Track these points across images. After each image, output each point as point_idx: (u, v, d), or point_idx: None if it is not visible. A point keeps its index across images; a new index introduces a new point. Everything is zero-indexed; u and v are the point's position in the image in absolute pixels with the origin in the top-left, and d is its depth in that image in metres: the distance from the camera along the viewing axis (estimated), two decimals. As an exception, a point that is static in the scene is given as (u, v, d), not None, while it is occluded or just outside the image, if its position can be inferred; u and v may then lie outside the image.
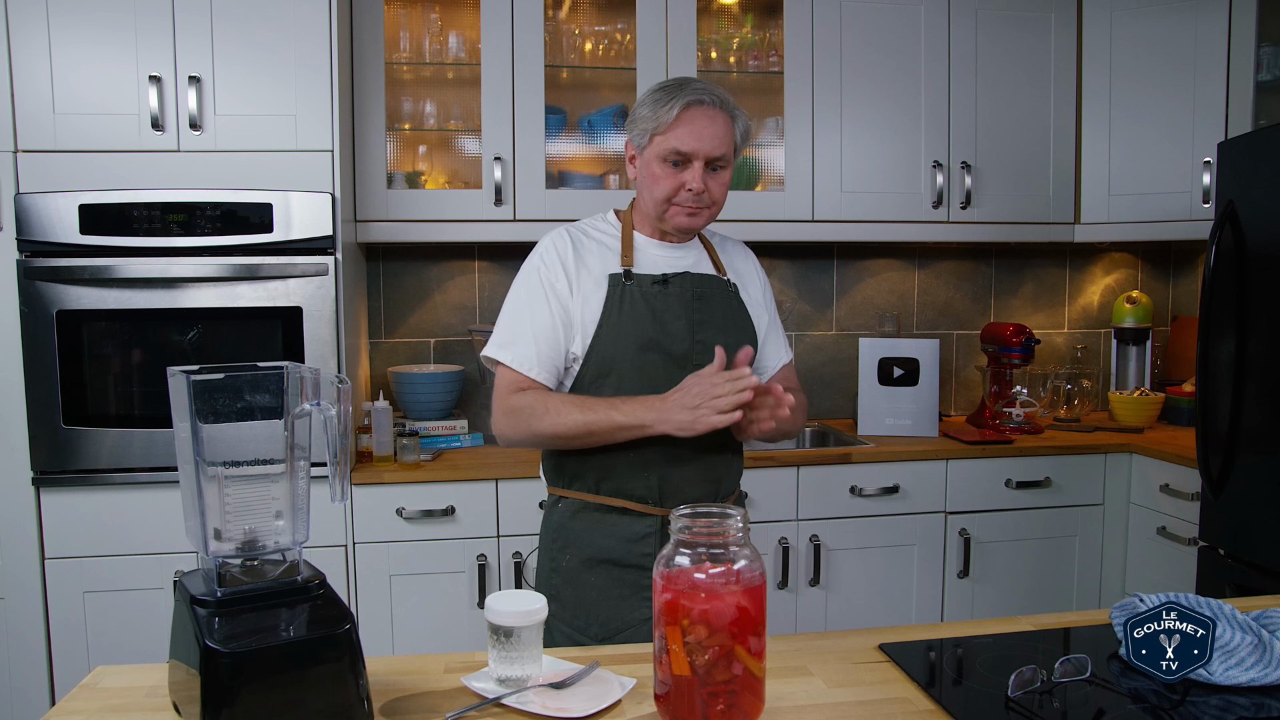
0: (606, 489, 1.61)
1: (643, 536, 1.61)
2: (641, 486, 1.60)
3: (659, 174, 1.58)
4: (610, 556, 1.61)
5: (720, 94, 1.59)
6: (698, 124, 1.55)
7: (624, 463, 1.59)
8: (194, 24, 2.32)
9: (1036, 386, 3.20)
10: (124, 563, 2.34)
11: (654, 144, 1.58)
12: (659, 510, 1.60)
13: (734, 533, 0.99)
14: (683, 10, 2.77)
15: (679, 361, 1.60)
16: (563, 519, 1.65)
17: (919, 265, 3.34)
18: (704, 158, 1.56)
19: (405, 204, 2.70)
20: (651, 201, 1.61)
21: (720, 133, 1.56)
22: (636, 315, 1.58)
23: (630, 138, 1.64)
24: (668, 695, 0.99)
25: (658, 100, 1.57)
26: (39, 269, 2.27)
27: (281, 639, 0.97)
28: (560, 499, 1.67)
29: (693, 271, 1.66)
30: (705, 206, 1.60)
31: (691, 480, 1.61)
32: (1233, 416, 2.31)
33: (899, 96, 2.92)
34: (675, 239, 1.67)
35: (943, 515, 2.73)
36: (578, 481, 1.63)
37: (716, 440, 1.58)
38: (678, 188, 1.57)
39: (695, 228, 1.63)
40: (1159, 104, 2.93)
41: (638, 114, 1.61)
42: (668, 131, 1.55)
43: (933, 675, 1.15)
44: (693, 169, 1.56)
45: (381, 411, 2.52)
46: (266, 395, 1.03)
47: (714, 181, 1.59)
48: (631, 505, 1.60)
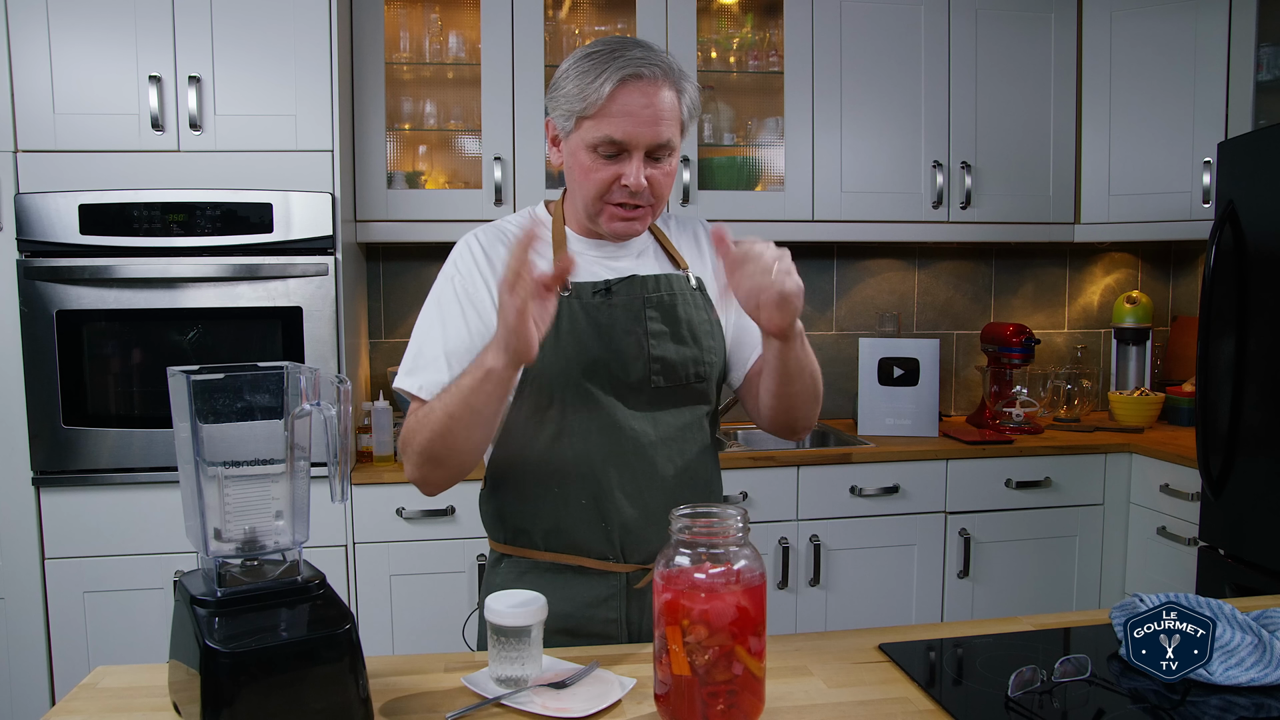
0: (558, 544, 1.33)
1: (604, 600, 1.33)
2: (599, 539, 1.32)
3: (588, 165, 1.26)
4: (567, 625, 1.32)
5: (663, 60, 1.26)
6: (634, 105, 1.23)
7: (576, 511, 1.31)
8: (194, 24, 2.32)
9: (1036, 386, 3.20)
10: (124, 563, 2.34)
11: (581, 129, 1.25)
12: (621, 567, 1.33)
13: (734, 533, 0.99)
14: (683, 10, 2.77)
15: (634, 387, 1.31)
16: (506, 582, 1.35)
17: (919, 265, 3.34)
18: (644, 147, 1.24)
19: (405, 204, 2.70)
20: (581, 199, 1.30)
21: (664, 112, 1.24)
22: (578, 334, 1.29)
23: (552, 116, 1.30)
24: (668, 695, 0.99)
25: (584, 72, 1.24)
26: (39, 269, 2.27)
27: (281, 639, 0.97)
28: (503, 558, 1.38)
29: (640, 274, 1.36)
30: (646, 205, 1.29)
31: (659, 529, 1.31)
32: (1233, 416, 2.31)
33: (899, 96, 2.92)
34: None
35: (943, 515, 2.73)
36: (522, 537, 1.35)
37: (685, 476, 1.35)
38: (611, 181, 1.26)
39: (633, 233, 1.33)
40: (1159, 104, 2.93)
41: (560, 88, 1.27)
42: (598, 115, 1.23)
43: (933, 675, 1.15)
44: (631, 161, 1.25)
45: (381, 411, 2.52)
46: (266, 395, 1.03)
47: (657, 172, 1.27)
48: (589, 563, 1.33)
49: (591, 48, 1.27)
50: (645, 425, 1.32)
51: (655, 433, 1.33)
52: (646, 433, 1.32)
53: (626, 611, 1.35)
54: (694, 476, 1.37)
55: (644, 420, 1.32)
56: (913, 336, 3.25)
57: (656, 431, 1.33)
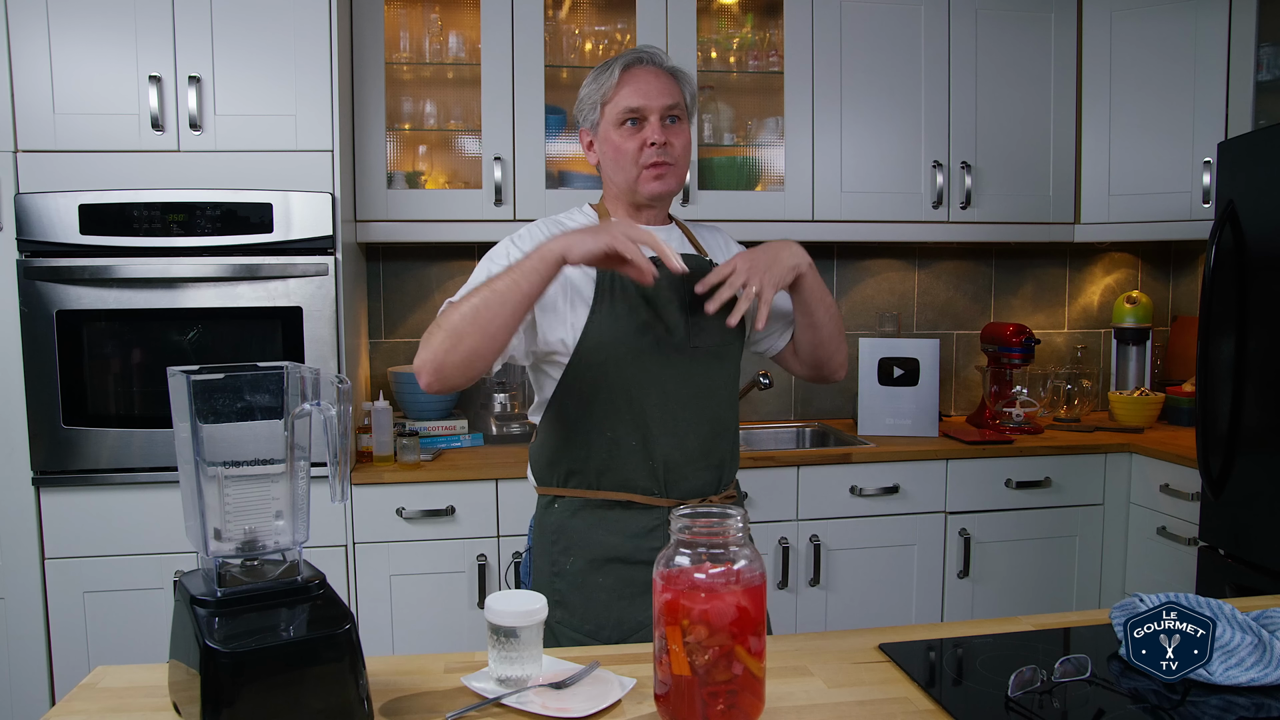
0: (608, 483, 1.54)
1: (650, 530, 1.53)
2: (645, 476, 1.53)
3: (618, 140, 1.55)
4: (618, 555, 1.53)
5: (658, 54, 1.58)
6: (642, 79, 1.54)
7: (627, 453, 1.52)
8: (194, 24, 2.32)
9: (1036, 386, 3.20)
10: (124, 563, 2.34)
11: (605, 114, 1.56)
12: (664, 501, 1.54)
13: (734, 533, 0.99)
14: (683, 10, 2.77)
15: (678, 346, 1.54)
16: (561, 519, 1.56)
17: (919, 265, 3.34)
18: (658, 111, 1.53)
19: (405, 204, 2.70)
20: (620, 173, 1.57)
21: (666, 86, 1.55)
22: (630, 300, 1.52)
23: (582, 125, 1.61)
24: (668, 695, 0.99)
25: (597, 73, 1.57)
26: (39, 269, 2.27)
27: (281, 639, 0.97)
28: (556, 499, 1.58)
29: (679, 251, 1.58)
30: (670, 163, 1.55)
31: (696, 468, 1.54)
32: (1233, 416, 2.31)
33: (899, 96, 2.92)
34: (652, 218, 1.62)
35: (943, 515, 2.73)
36: (575, 477, 1.56)
37: (717, 425, 1.57)
38: (640, 146, 1.54)
39: (667, 190, 1.57)
40: (1159, 104, 2.93)
41: (582, 99, 1.60)
42: (614, 95, 1.54)
43: (933, 675, 1.15)
44: (650, 123, 1.54)
45: (381, 411, 2.52)
46: (266, 395, 1.03)
47: (673, 134, 1.55)
48: (636, 498, 1.53)
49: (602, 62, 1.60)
50: (685, 379, 1.54)
51: (692, 385, 1.55)
52: (686, 385, 1.54)
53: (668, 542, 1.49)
54: (724, 426, 1.60)
55: (683, 375, 1.54)
56: (913, 336, 3.25)
57: (693, 384, 1.55)
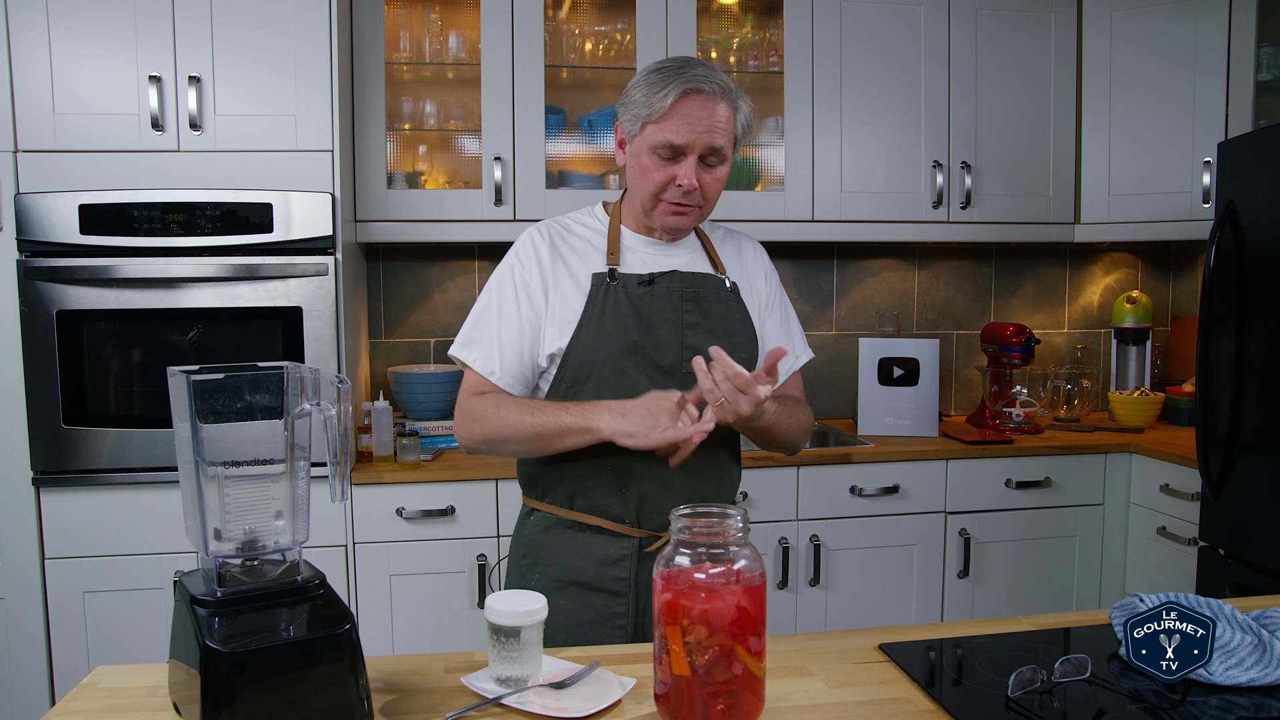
0: (580, 505, 1.49)
1: (617, 559, 1.48)
2: (618, 504, 1.47)
3: (648, 166, 1.44)
4: (581, 579, 1.48)
5: (722, 80, 1.43)
6: (694, 114, 1.40)
7: (600, 476, 1.46)
8: (194, 24, 2.32)
9: (1036, 386, 3.20)
10: (124, 563, 2.34)
11: (645, 133, 1.43)
12: (635, 531, 1.48)
13: (734, 533, 0.99)
14: (683, 10, 2.77)
15: (667, 371, 1.46)
16: (533, 534, 1.54)
17: (919, 265, 3.34)
18: (699, 151, 1.41)
19: (405, 204, 2.70)
20: (639, 195, 1.48)
21: (719, 124, 1.41)
22: (620, 318, 1.45)
23: (621, 121, 1.49)
24: (668, 695, 0.99)
25: (652, 84, 1.42)
26: (39, 269, 2.27)
27: (281, 639, 0.97)
28: (533, 511, 1.56)
29: (682, 270, 1.52)
30: (695, 206, 1.46)
31: (675, 498, 1.45)
32: (1233, 416, 2.31)
33: (899, 96, 2.92)
34: (666, 236, 1.54)
35: (943, 515, 2.73)
36: (550, 494, 1.52)
37: (708, 455, 1.46)
38: (668, 182, 1.43)
39: (683, 228, 1.50)
40: (1159, 104, 2.93)
41: (630, 97, 1.45)
42: (661, 121, 1.40)
43: (933, 675, 1.15)
44: (685, 163, 1.42)
45: (381, 411, 2.52)
46: (266, 395, 1.03)
47: (708, 177, 1.44)
48: (606, 524, 1.48)
49: (661, 63, 1.45)
50: None
51: None
52: None
53: (636, 573, 1.49)
54: (715, 463, 1.51)
55: None
56: (913, 336, 3.25)
57: None
